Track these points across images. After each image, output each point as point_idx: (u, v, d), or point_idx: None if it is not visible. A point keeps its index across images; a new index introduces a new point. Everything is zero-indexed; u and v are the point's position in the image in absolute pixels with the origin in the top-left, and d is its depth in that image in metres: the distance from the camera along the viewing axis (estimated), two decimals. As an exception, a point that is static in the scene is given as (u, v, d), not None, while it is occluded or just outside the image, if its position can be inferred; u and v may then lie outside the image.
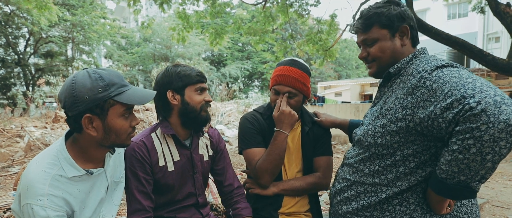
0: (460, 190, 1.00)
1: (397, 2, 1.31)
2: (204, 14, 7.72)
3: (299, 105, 1.69)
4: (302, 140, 1.76)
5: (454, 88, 0.96)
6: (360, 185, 1.26)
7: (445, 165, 0.99)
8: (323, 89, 22.19)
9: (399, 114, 1.14)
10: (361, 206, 1.25)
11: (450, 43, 4.67)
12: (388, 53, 1.30)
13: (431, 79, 1.05)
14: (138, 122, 1.23)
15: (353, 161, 1.32)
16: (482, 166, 0.93)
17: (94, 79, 1.12)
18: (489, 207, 4.03)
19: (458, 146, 0.93)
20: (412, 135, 1.12)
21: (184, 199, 1.58)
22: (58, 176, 1.12)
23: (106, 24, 18.25)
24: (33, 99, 15.21)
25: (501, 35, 18.45)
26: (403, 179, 1.16)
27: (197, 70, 1.51)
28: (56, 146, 1.18)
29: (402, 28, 1.28)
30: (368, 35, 1.32)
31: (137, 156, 1.45)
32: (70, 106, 1.12)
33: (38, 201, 1.06)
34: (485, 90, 0.92)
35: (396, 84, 1.24)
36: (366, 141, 1.26)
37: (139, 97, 1.18)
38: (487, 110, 0.88)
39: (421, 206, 1.15)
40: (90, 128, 1.14)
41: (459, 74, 1.01)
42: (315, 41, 7.49)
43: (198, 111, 1.49)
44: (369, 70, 1.39)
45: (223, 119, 13.63)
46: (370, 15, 1.30)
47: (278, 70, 1.68)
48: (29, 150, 6.84)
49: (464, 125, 0.91)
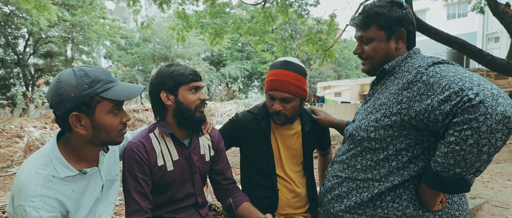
0: (455, 183, 1.02)
1: (400, 4, 1.32)
2: (204, 14, 7.72)
3: (297, 109, 1.66)
4: (303, 139, 1.76)
5: (451, 82, 0.99)
6: (352, 181, 1.27)
7: (441, 157, 1.01)
8: (322, 90, 22.18)
9: (394, 108, 1.15)
10: (353, 203, 1.25)
11: (450, 43, 4.67)
12: (381, 54, 1.32)
13: (428, 74, 1.07)
14: (129, 118, 1.22)
15: (345, 157, 1.32)
16: (478, 158, 0.95)
17: (79, 76, 1.11)
18: (489, 207, 4.02)
19: (455, 137, 0.95)
20: (405, 128, 1.14)
21: (183, 199, 1.58)
22: (50, 176, 1.11)
23: (106, 24, 18.22)
24: (33, 99, 15.17)
25: (500, 35, 18.46)
26: (396, 174, 1.17)
27: (191, 69, 1.49)
28: (48, 146, 1.17)
29: (399, 32, 1.29)
30: (365, 33, 1.33)
31: (135, 156, 1.44)
32: (57, 105, 1.11)
33: (31, 202, 1.05)
34: (482, 83, 0.95)
35: (390, 81, 1.25)
36: (358, 135, 1.26)
37: (125, 93, 1.16)
38: (485, 101, 0.90)
39: (413, 203, 1.17)
40: (78, 126, 1.13)
41: (456, 70, 1.04)
42: (315, 41, 7.49)
43: (192, 110, 1.47)
44: (363, 67, 1.41)
45: (223, 119, 13.62)
46: (370, 14, 1.31)
47: (272, 74, 1.63)
48: (29, 150, 6.83)
49: (462, 116, 0.93)
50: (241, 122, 1.76)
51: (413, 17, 1.34)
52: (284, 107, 1.61)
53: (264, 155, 1.73)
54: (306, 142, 1.76)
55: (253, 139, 1.73)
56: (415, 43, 1.35)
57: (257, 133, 1.73)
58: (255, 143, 1.74)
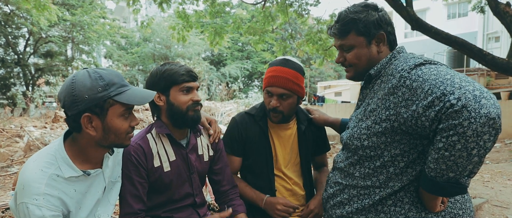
0: (450, 187, 1.01)
1: (375, 7, 1.30)
2: (204, 14, 7.71)
3: (294, 106, 1.67)
4: (299, 138, 1.76)
5: (433, 86, 0.97)
6: (353, 188, 1.26)
7: (433, 163, 1.00)
8: (323, 89, 22.18)
9: (383, 115, 1.14)
10: (355, 209, 1.24)
11: (450, 43, 4.65)
12: (364, 60, 1.30)
13: (411, 78, 1.05)
14: (137, 122, 1.23)
15: (343, 165, 1.31)
16: (469, 161, 0.94)
17: (94, 78, 1.12)
18: (489, 207, 4.02)
19: (443, 143, 0.94)
20: (397, 134, 1.12)
21: (182, 199, 1.57)
22: (55, 175, 1.11)
23: (106, 24, 18.23)
24: (33, 99, 15.19)
25: (501, 35, 18.43)
26: (395, 180, 1.16)
27: (185, 69, 1.46)
28: (55, 145, 1.18)
29: (378, 35, 1.28)
30: (345, 41, 1.31)
31: (133, 159, 1.43)
32: (69, 106, 1.12)
33: (34, 200, 1.05)
34: (464, 86, 0.92)
35: (377, 85, 1.24)
36: (352, 144, 1.25)
37: (138, 98, 1.18)
38: (467, 106, 0.88)
39: (415, 205, 1.15)
40: (89, 128, 1.14)
41: (437, 71, 1.01)
42: (315, 41, 7.48)
43: (184, 111, 1.45)
44: (347, 74, 1.40)
45: (223, 119, 13.62)
46: (347, 21, 1.29)
47: (271, 71, 1.64)
48: (29, 150, 6.83)
49: (447, 122, 0.91)
50: (240, 123, 1.77)
51: (389, 17, 1.32)
52: (281, 104, 1.62)
53: (262, 155, 1.73)
54: (303, 141, 1.76)
55: (251, 139, 1.74)
56: (397, 43, 1.34)
57: (255, 133, 1.74)
58: (253, 143, 1.74)
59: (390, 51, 1.32)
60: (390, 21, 1.31)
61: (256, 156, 1.75)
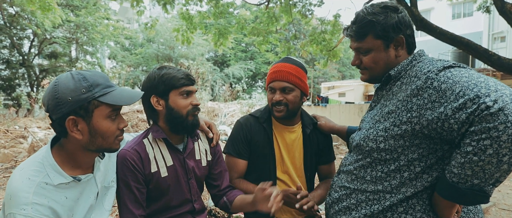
0: (473, 195, 0.95)
1: (394, 8, 1.24)
2: (208, 15, 7.70)
3: (298, 101, 1.64)
4: (304, 142, 1.74)
5: (466, 88, 0.92)
6: (361, 193, 1.21)
7: (457, 168, 0.94)
8: (326, 90, 22.10)
9: (404, 117, 1.09)
10: (362, 215, 1.18)
11: (455, 43, 4.60)
12: (381, 64, 1.26)
13: (439, 79, 1.00)
14: (126, 125, 1.19)
15: (352, 168, 1.26)
16: (497, 168, 0.88)
17: (77, 80, 1.09)
18: (496, 210, 3.96)
19: (472, 147, 0.89)
20: (417, 138, 1.07)
21: (180, 206, 1.54)
22: (43, 183, 1.08)
23: (110, 25, 18.29)
24: (37, 100, 15.25)
25: (506, 35, 18.28)
26: (408, 185, 1.11)
27: (183, 73, 1.43)
28: (42, 152, 1.14)
29: (397, 39, 1.23)
30: (362, 44, 1.27)
31: (129, 165, 1.39)
32: (53, 109, 1.08)
33: (22, 210, 1.02)
34: (500, 89, 0.88)
35: (397, 87, 1.19)
36: (367, 146, 1.20)
37: (124, 98, 1.14)
38: (504, 109, 0.84)
39: (427, 213, 1.10)
40: (74, 131, 1.10)
41: (469, 74, 0.97)
42: (319, 42, 7.45)
43: (184, 116, 1.42)
44: (362, 76, 1.36)
45: (226, 120, 13.60)
46: (365, 23, 1.24)
47: (273, 68, 1.67)
48: (32, 151, 6.85)
49: (480, 125, 0.87)
50: (245, 125, 1.75)
51: (410, 19, 1.27)
52: (285, 97, 1.61)
53: (266, 158, 1.71)
54: (307, 145, 1.74)
55: (256, 141, 1.72)
56: (416, 46, 1.29)
57: (260, 135, 1.72)
58: (257, 146, 1.72)
59: (409, 54, 1.28)
60: (410, 23, 1.26)
61: (259, 158, 1.72)
